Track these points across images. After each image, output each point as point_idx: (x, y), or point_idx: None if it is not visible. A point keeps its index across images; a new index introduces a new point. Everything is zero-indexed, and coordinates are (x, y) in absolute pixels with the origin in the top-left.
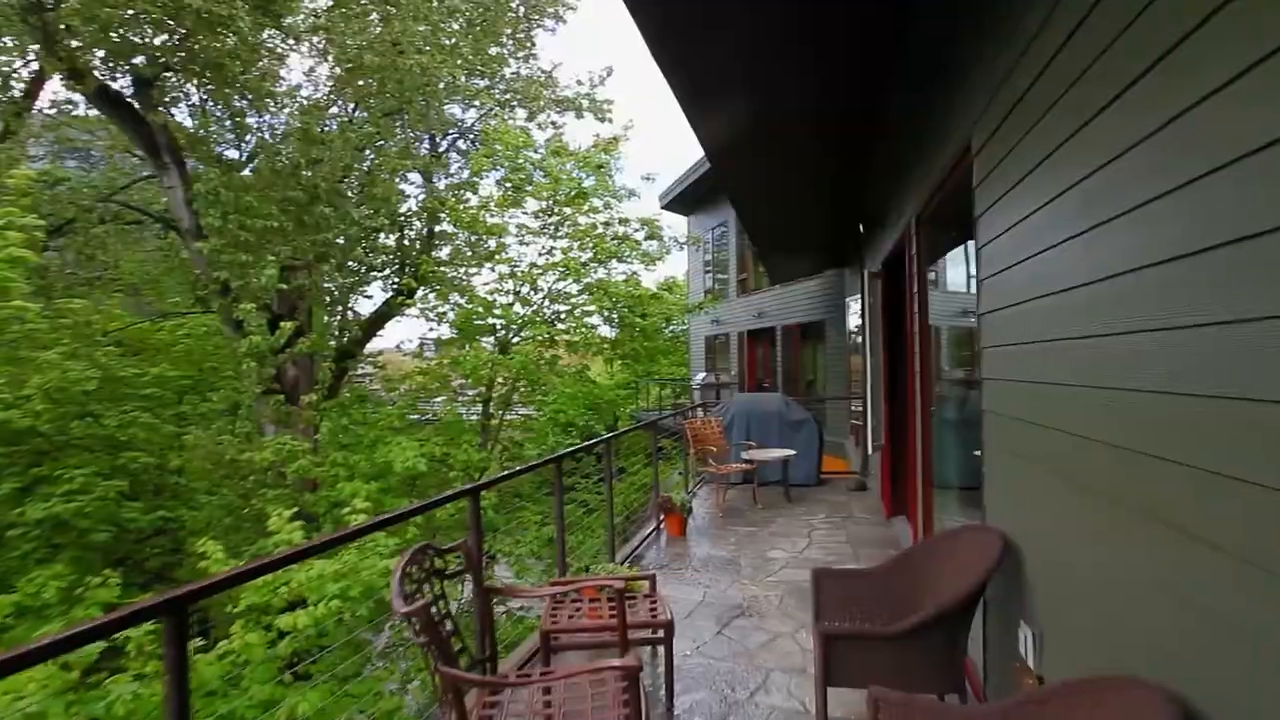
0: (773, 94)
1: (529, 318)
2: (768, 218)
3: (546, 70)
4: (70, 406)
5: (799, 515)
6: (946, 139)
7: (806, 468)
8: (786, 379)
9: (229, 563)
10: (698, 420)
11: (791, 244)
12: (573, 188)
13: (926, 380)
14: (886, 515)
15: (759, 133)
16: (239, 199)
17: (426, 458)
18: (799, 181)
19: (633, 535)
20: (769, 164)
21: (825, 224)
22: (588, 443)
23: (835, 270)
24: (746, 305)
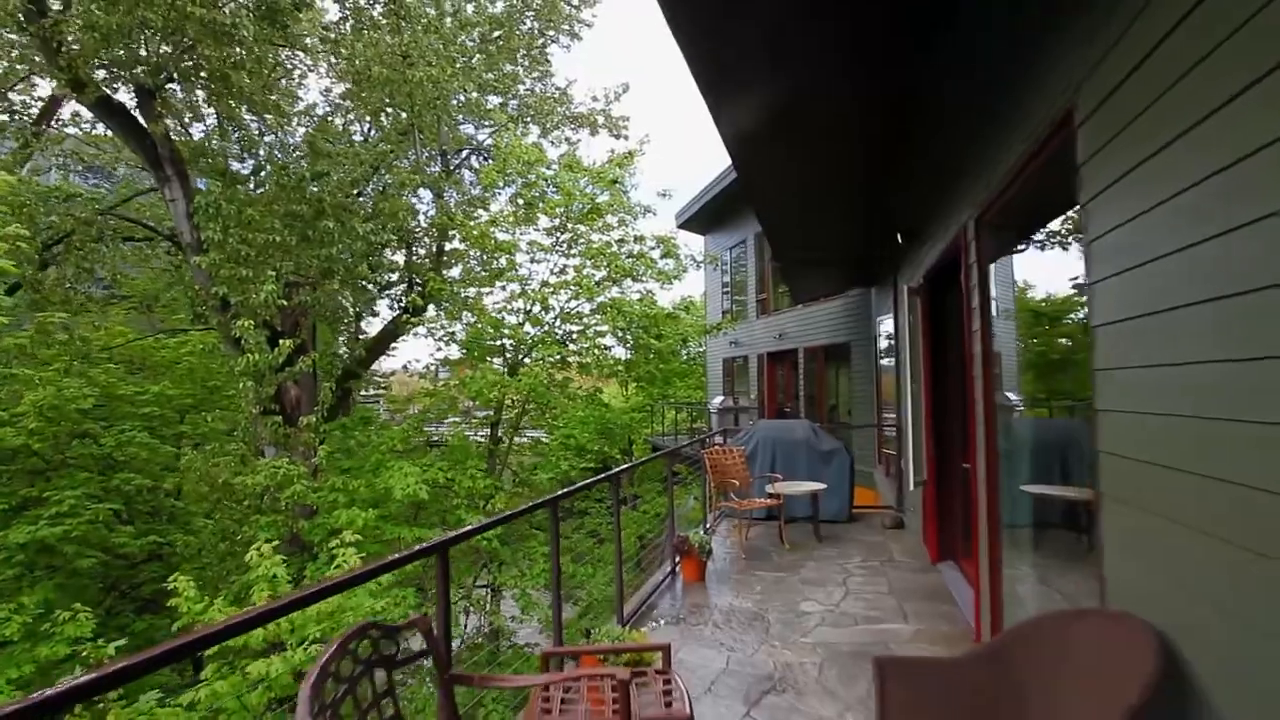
0: (799, 78)
1: (539, 338)
2: (793, 220)
3: (561, 87)
4: (65, 425)
5: (831, 558)
6: (1029, 112)
7: (837, 503)
8: (809, 404)
9: (200, 600)
10: (717, 449)
11: (816, 255)
12: (586, 203)
13: (991, 407)
14: (932, 559)
15: (783, 124)
16: (240, 212)
17: (429, 484)
18: (826, 182)
19: (648, 568)
20: (794, 162)
21: (854, 234)
22: (586, 482)
23: (861, 289)
24: (767, 326)
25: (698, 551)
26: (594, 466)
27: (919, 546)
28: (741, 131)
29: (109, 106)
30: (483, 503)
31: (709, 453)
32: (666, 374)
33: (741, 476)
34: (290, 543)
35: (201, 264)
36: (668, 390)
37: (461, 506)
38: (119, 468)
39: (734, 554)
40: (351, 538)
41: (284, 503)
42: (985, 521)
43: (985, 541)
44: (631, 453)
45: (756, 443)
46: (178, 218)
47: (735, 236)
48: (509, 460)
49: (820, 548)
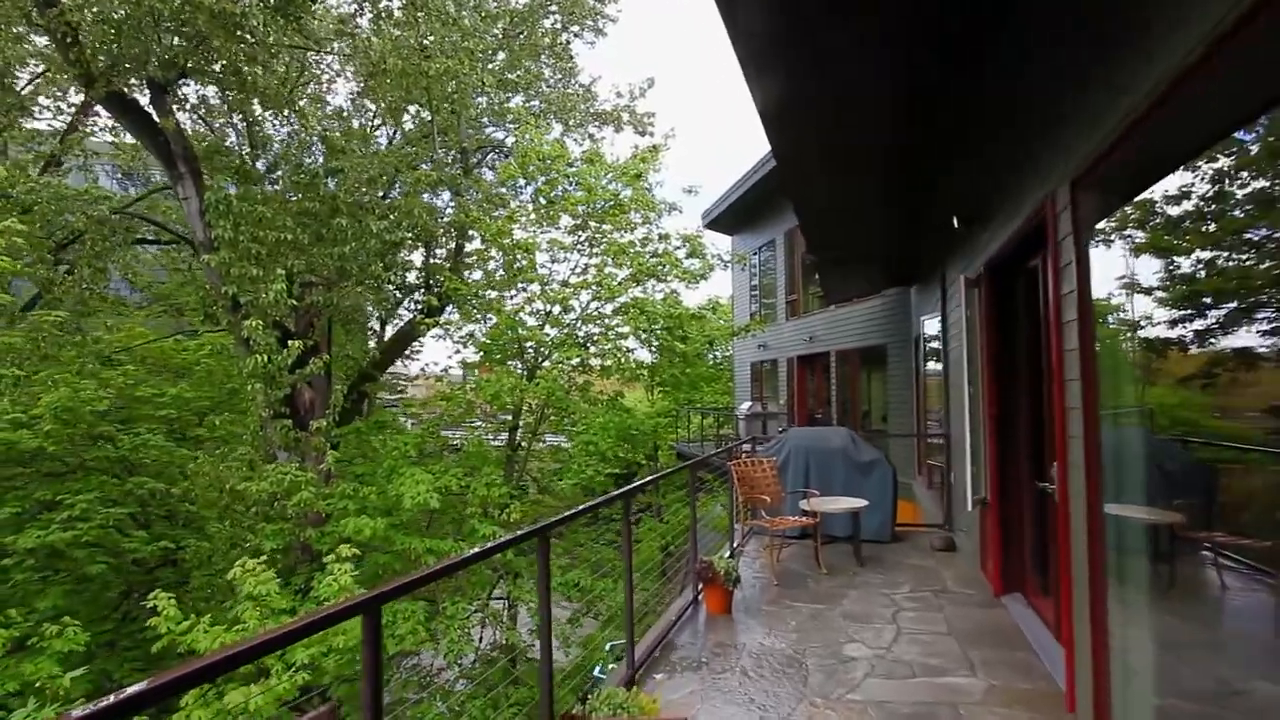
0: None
1: (559, 340)
2: (832, 209)
3: (585, 84)
4: (80, 427)
5: (875, 586)
6: (1177, 22)
7: (879, 520)
8: (842, 410)
9: (184, 620)
10: (745, 460)
11: (855, 250)
12: (608, 199)
13: (1094, 417)
14: (996, 592)
15: (826, 93)
16: (252, 209)
17: (441, 492)
18: (871, 162)
19: (673, 577)
20: (837, 137)
21: (897, 222)
22: (585, 505)
23: (899, 288)
24: (797, 329)
25: (722, 579)
26: (619, 473)
27: (976, 575)
28: (780, 105)
29: (122, 103)
30: (497, 511)
31: (736, 464)
32: (693, 378)
33: (772, 491)
34: (302, 551)
35: (211, 262)
36: (694, 395)
37: (475, 515)
38: (137, 471)
39: (764, 579)
40: (349, 552)
41: (290, 510)
42: (1082, 559)
43: (1082, 584)
44: (657, 458)
45: (788, 453)
46: (190, 216)
47: (764, 236)
48: (528, 467)
49: (862, 573)
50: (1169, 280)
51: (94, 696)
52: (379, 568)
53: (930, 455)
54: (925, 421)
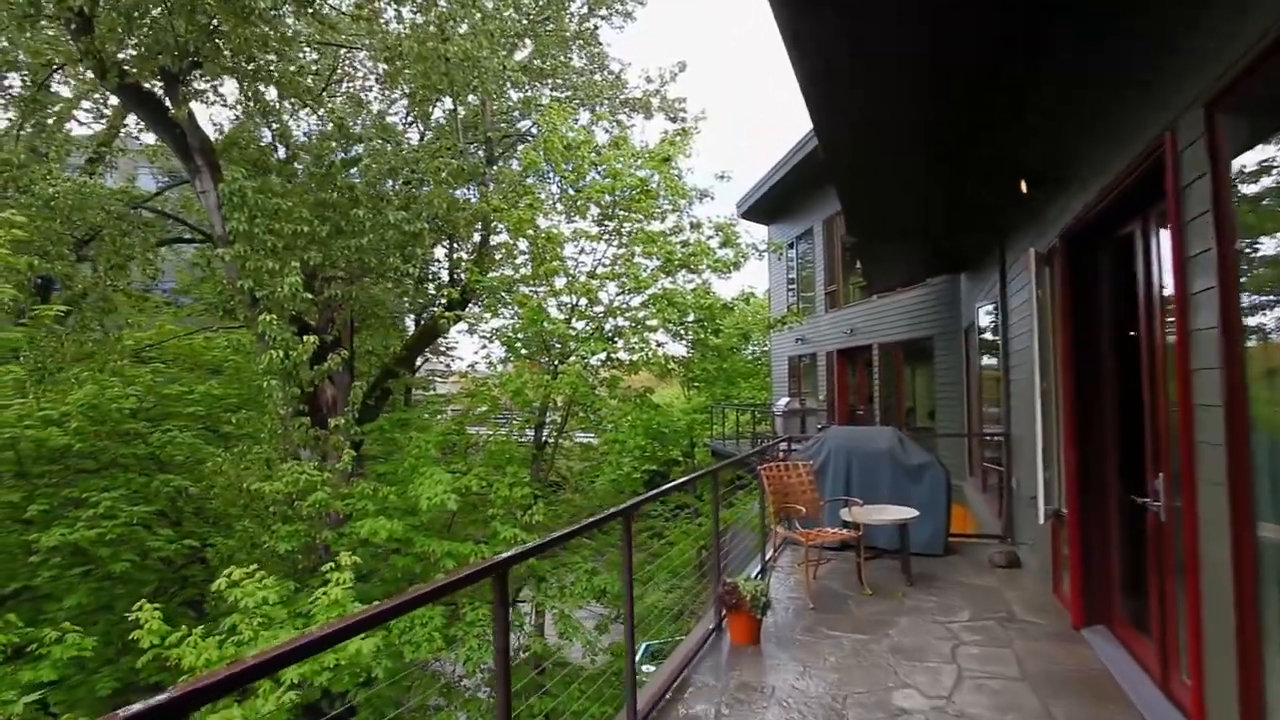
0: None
1: (585, 334)
2: (876, 179)
3: (615, 72)
4: (107, 425)
5: (928, 611)
6: None
7: (930, 531)
8: (885, 407)
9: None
10: (778, 465)
11: (900, 228)
12: (635, 186)
13: (1241, 416)
14: (1075, 622)
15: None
16: (267, 201)
17: (460, 492)
18: (920, 120)
19: (700, 590)
20: (879, 99)
21: (946, 193)
22: (571, 528)
23: (947, 276)
24: (836, 321)
25: (749, 606)
26: (657, 469)
27: (1048, 599)
28: (821, 59)
29: (139, 95)
30: (520, 513)
31: (767, 469)
32: (730, 374)
33: (809, 500)
34: (325, 551)
35: (225, 256)
36: (731, 391)
37: (498, 517)
38: (167, 469)
39: (799, 601)
40: (349, 560)
41: (306, 510)
42: (1224, 608)
43: (1223, 641)
44: (694, 455)
45: (827, 455)
46: (209, 210)
47: (801, 225)
48: (556, 465)
49: (912, 594)
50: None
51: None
52: (398, 571)
53: (986, 456)
54: (979, 419)
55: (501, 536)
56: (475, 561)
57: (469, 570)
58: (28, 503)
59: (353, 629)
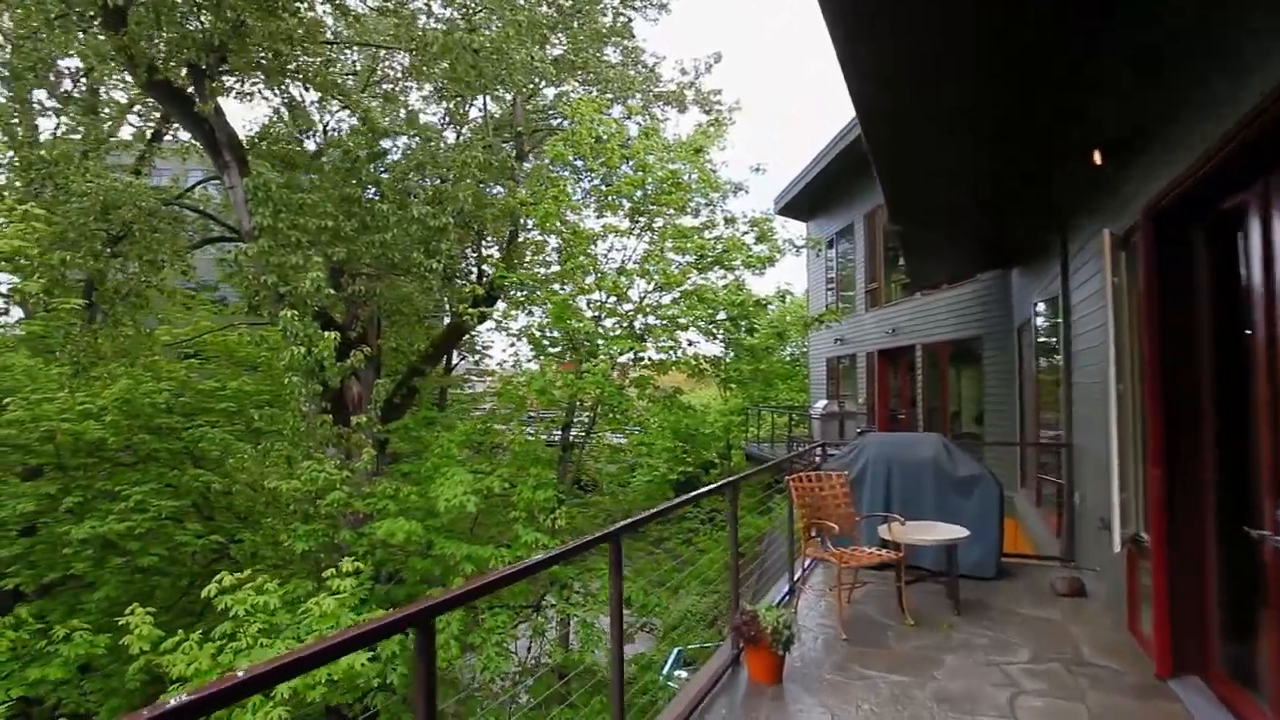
0: None
1: (614, 333)
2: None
3: (649, 65)
4: (139, 419)
5: (981, 647)
6: None
7: (981, 551)
8: (928, 411)
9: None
10: (808, 475)
11: (948, 210)
12: (666, 179)
13: None
14: (1160, 671)
15: None
16: (291, 196)
17: (480, 494)
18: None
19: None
20: (929, 32)
21: (1001, 169)
22: (571, 546)
23: (996, 272)
24: (878, 320)
25: (770, 640)
26: (692, 471)
27: (1123, 638)
28: (858, 11)
29: (169, 91)
30: (543, 516)
31: (795, 480)
32: (767, 375)
33: (843, 515)
34: (346, 553)
35: (249, 251)
36: (768, 393)
37: (520, 520)
38: (202, 464)
39: (830, 631)
40: (351, 566)
41: (324, 510)
42: None
43: None
44: (730, 458)
45: (865, 464)
46: (236, 205)
47: (841, 221)
48: (585, 467)
49: (961, 625)
50: None
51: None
52: (417, 574)
53: (1042, 466)
54: (1034, 426)
55: (523, 540)
56: (394, 611)
57: (372, 625)
58: (64, 495)
59: (324, 654)
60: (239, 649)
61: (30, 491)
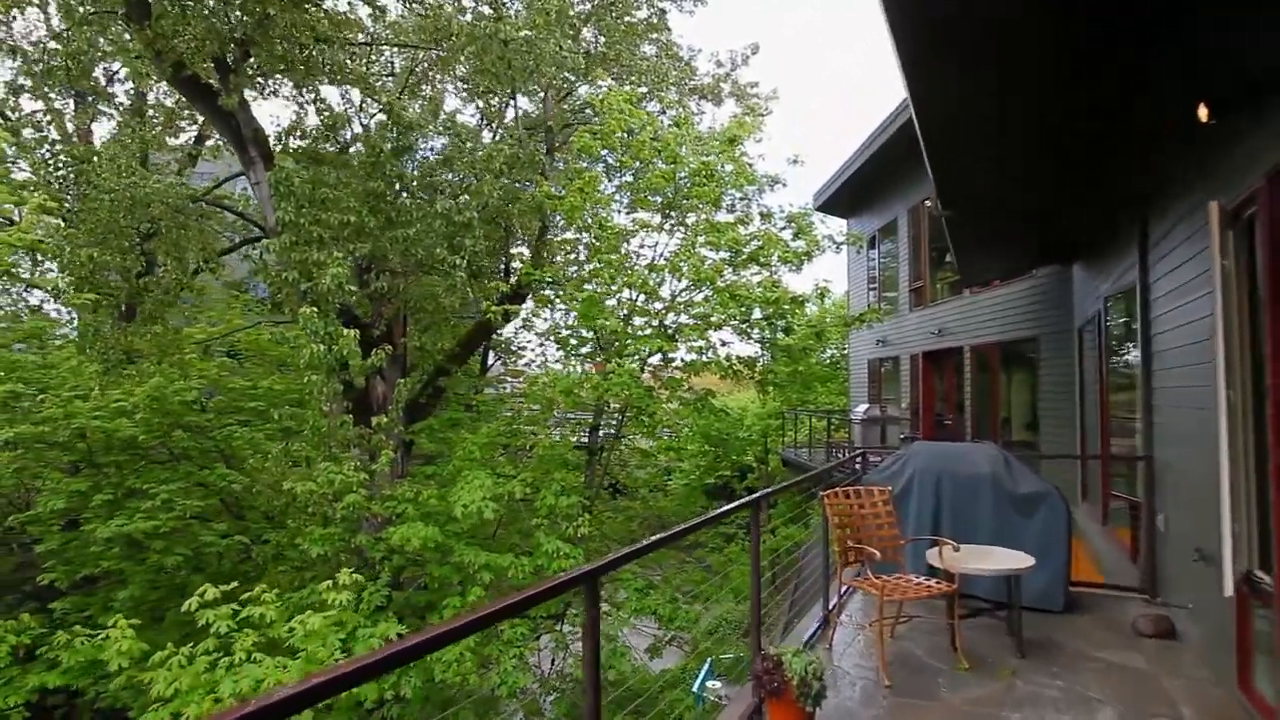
0: None
1: (643, 331)
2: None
3: (685, 59)
4: (169, 417)
5: (1051, 702)
6: None
7: (1046, 579)
8: (976, 416)
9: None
10: (845, 491)
11: (1006, 197)
12: (699, 171)
13: None
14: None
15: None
16: (315, 190)
17: (504, 499)
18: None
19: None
20: None
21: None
22: (540, 590)
23: (1054, 267)
24: (923, 321)
25: (796, 692)
26: (730, 474)
27: (1233, 697)
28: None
29: (196, 86)
30: (565, 523)
31: (831, 497)
32: (805, 378)
33: (886, 537)
34: (363, 557)
35: (271, 247)
36: (807, 396)
37: (542, 527)
38: (233, 462)
39: (868, 675)
40: (348, 578)
41: (339, 513)
42: None
43: None
44: (767, 462)
45: (911, 477)
46: (261, 202)
47: (883, 216)
48: (614, 471)
49: (1026, 671)
50: None
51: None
52: (435, 581)
53: (1109, 479)
54: (1101, 435)
55: (543, 548)
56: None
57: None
58: (95, 492)
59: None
60: (231, 664)
61: (62, 488)
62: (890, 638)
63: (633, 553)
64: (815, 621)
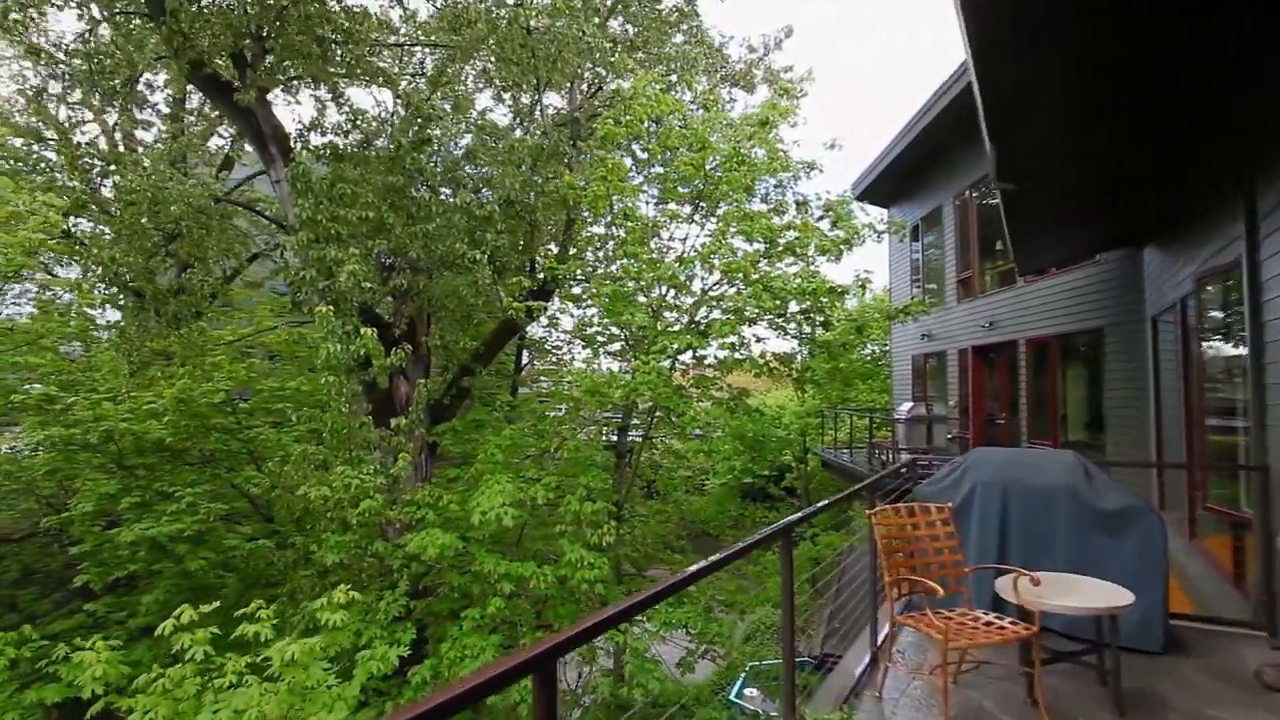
0: None
1: (672, 326)
2: (1045, 71)
3: (715, 44)
4: (196, 419)
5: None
6: None
7: (1141, 612)
8: (1032, 416)
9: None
10: (898, 510)
11: (1078, 167)
12: (731, 155)
13: None
14: None
15: None
16: (333, 186)
17: (527, 505)
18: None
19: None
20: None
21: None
22: (483, 680)
23: (1122, 251)
24: (972, 313)
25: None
26: (769, 476)
27: None
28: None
29: (215, 84)
30: (590, 531)
31: (879, 518)
32: (845, 375)
33: (947, 563)
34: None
35: (288, 244)
36: (847, 393)
37: (566, 534)
38: (262, 464)
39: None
40: (345, 597)
41: (355, 519)
42: None
43: None
44: (806, 461)
45: (971, 490)
46: (282, 199)
47: (926, 205)
48: (645, 473)
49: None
50: None
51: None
52: (455, 591)
53: (1197, 488)
54: (1185, 438)
55: (568, 558)
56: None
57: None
58: (124, 494)
59: None
60: (221, 686)
61: (92, 491)
62: (953, 684)
63: (598, 624)
64: (861, 660)
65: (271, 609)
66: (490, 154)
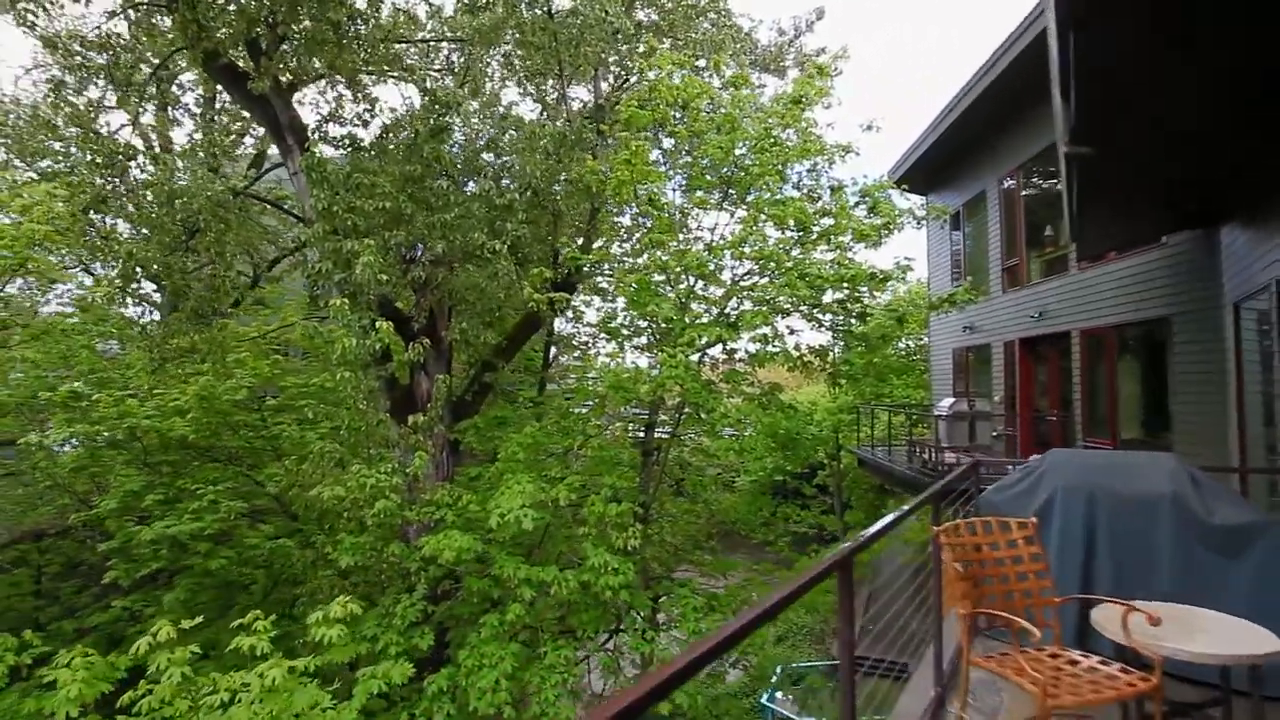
0: None
1: (700, 318)
2: None
3: (744, 29)
4: (218, 417)
5: None
6: None
7: None
8: (1088, 413)
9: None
10: (970, 525)
11: (1165, 128)
12: (761, 137)
13: None
14: None
15: None
16: (350, 176)
17: (549, 506)
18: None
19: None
20: None
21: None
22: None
23: (1191, 233)
24: (1019, 303)
25: None
26: (802, 474)
27: None
28: None
29: (233, 75)
30: (615, 534)
31: (949, 536)
32: (880, 369)
33: (1033, 590)
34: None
35: (303, 236)
36: (882, 389)
37: (589, 537)
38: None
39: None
40: (343, 611)
41: (370, 520)
42: None
43: None
44: (839, 459)
45: (1050, 499)
46: (299, 192)
47: (968, 190)
48: (673, 471)
49: None
50: None
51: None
52: (474, 596)
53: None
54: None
55: (590, 562)
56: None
57: None
58: (148, 492)
59: None
60: (212, 705)
61: (117, 488)
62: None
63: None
64: (923, 700)
65: (269, 620)
66: (511, 141)
